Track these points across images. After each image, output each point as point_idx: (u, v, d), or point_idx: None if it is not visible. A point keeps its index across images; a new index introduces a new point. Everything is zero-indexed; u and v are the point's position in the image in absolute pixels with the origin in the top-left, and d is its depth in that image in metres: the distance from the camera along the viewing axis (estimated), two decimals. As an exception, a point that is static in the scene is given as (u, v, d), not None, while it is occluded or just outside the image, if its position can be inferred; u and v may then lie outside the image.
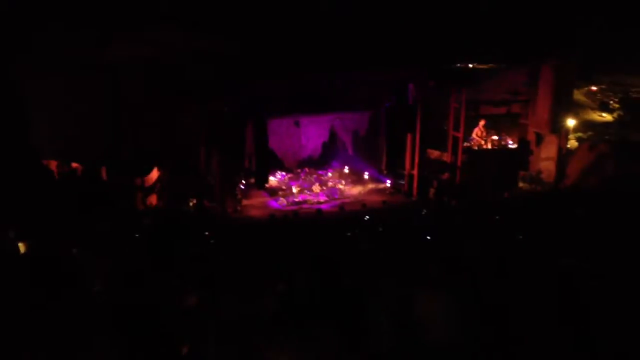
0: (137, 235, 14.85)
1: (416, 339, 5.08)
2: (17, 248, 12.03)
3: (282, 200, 23.15)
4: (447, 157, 24.16)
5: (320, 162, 25.98)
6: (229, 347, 5.52)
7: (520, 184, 24.23)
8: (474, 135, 23.75)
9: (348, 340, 5.34)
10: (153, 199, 21.40)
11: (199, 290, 7.48)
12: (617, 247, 8.90)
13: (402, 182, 24.57)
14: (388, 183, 24.93)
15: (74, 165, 20.89)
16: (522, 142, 24.28)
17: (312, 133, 25.89)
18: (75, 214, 17.15)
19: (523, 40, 22.35)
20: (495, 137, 23.92)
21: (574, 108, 26.15)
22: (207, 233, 15.79)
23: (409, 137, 23.95)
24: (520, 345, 5.18)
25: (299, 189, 23.99)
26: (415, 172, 23.87)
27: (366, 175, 25.66)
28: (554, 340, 5.03)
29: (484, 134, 23.77)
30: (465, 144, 23.53)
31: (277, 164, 24.87)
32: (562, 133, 24.17)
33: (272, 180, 24.15)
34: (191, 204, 21.27)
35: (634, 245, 8.87)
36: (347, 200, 23.47)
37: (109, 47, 19.66)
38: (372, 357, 5.36)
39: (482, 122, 23.77)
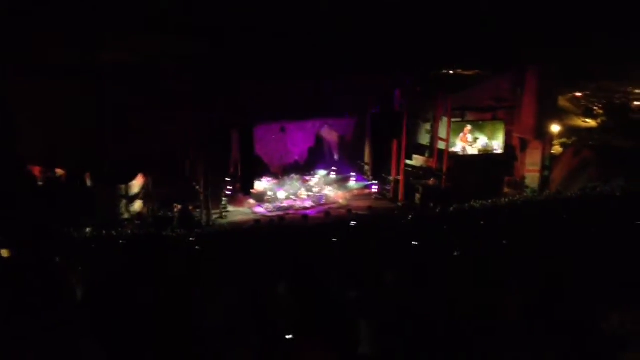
0: (120, 242, 14.74)
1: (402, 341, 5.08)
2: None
3: (268, 206, 23.09)
4: (432, 163, 24.26)
5: (306, 167, 25.95)
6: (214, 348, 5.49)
7: (506, 190, 24.32)
8: (459, 141, 23.85)
9: (335, 344, 5.33)
10: (138, 206, 21.26)
11: (182, 295, 7.42)
12: (599, 250, 8.95)
13: (388, 188, 24.61)
14: (374, 188, 24.95)
15: (58, 171, 20.72)
16: (507, 148, 24.42)
17: (298, 139, 25.86)
18: (59, 220, 17.01)
19: (507, 46, 22.49)
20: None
21: (559, 114, 26.33)
22: (192, 239, 15.71)
23: (394, 142, 24.02)
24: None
25: (285, 194, 23.93)
26: (401, 177, 23.93)
27: (352, 181, 25.67)
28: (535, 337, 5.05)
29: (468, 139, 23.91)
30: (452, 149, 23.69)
31: (263, 170, 24.79)
32: (546, 139, 24.33)
33: (258, 186, 24.06)
34: (176, 210, 21.14)
35: (616, 248, 8.93)
36: (333, 205, 23.46)
37: (95, 54, 19.56)
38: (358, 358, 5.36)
39: (467, 128, 23.88)
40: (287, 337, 4.86)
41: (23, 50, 19.01)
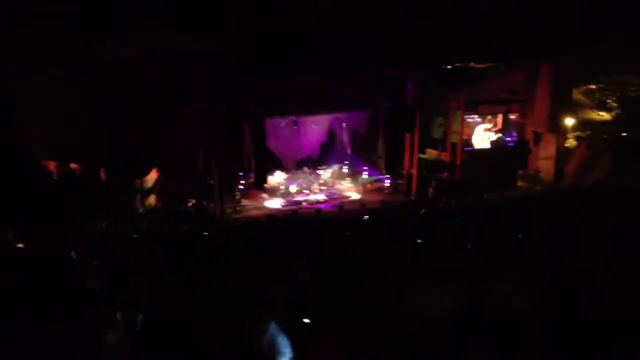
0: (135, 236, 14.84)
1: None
2: (16, 249, 12.02)
3: (282, 201, 23.15)
4: (446, 157, 24.20)
5: (319, 162, 25.97)
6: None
7: (519, 183, 24.24)
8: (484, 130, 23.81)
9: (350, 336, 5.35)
10: (152, 200, 21.41)
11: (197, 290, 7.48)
12: (615, 245, 8.90)
13: (401, 182, 24.59)
14: (387, 182, 24.94)
15: (73, 166, 20.88)
16: (521, 141, 24.31)
17: (310, 133, 25.87)
18: (75, 214, 17.16)
19: (521, 39, 22.35)
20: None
21: (573, 107, 26.16)
22: (205, 233, 15.79)
23: (407, 136, 23.98)
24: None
25: (298, 189, 23.98)
26: (414, 171, 23.90)
27: (365, 175, 25.66)
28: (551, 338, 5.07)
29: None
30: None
31: (275, 164, 24.85)
32: (560, 132, 24.22)
33: (271, 180, 24.13)
34: (190, 204, 21.25)
35: (631, 243, 8.88)
36: (346, 200, 23.48)
37: (104, 48, 19.65)
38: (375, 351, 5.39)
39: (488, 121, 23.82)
40: (305, 320, 4.89)
41: (35, 48, 19.15)
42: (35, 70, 19.53)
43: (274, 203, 23.10)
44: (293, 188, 23.91)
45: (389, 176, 24.99)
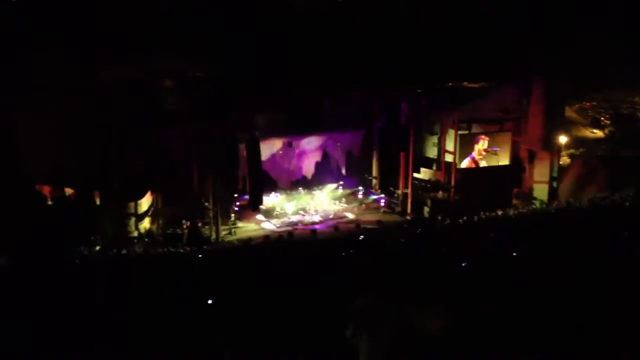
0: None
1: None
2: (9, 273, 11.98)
3: (277, 221, 23.08)
4: (440, 176, 24.23)
5: (314, 182, 25.96)
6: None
7: (514, 201, 24.23)
8: (475, 153, 23.78)
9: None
10: (146, 223, 21.31)
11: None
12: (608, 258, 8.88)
13: (396, 201, 24.57)
14: (382, 202, 24.92)
15: (67, 190, 20.80)
16: (515, 159, 24.37)
17: (305, 154, 25.91)
18: (69, 238, 17.09)
19: (513, 58, 22.51)
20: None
21: (566, 125, 26.28)
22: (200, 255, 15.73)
23: (402, 156, 24.01)
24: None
25: (293, 209, 23.93)
26: (409, 191, 23.90)
27: (360, 195, 25.66)
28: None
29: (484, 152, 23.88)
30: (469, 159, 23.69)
31: (271, 185, 24.82)
32: (554, 150, 24.27)
33: (267, 201, 24.07)
34: (185, 227, 21.16)
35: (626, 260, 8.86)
36: (341, 220, 23.44)
37: (98, 71, 19.69)
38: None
39: (484, 140, 23.81)
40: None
41: (33, 72, 19.16)
42: (34, 94, 19.51)
43: (270, 224, 23.03)
44: (288, 209, 23.86)
45: (383, 196, 24.97)
